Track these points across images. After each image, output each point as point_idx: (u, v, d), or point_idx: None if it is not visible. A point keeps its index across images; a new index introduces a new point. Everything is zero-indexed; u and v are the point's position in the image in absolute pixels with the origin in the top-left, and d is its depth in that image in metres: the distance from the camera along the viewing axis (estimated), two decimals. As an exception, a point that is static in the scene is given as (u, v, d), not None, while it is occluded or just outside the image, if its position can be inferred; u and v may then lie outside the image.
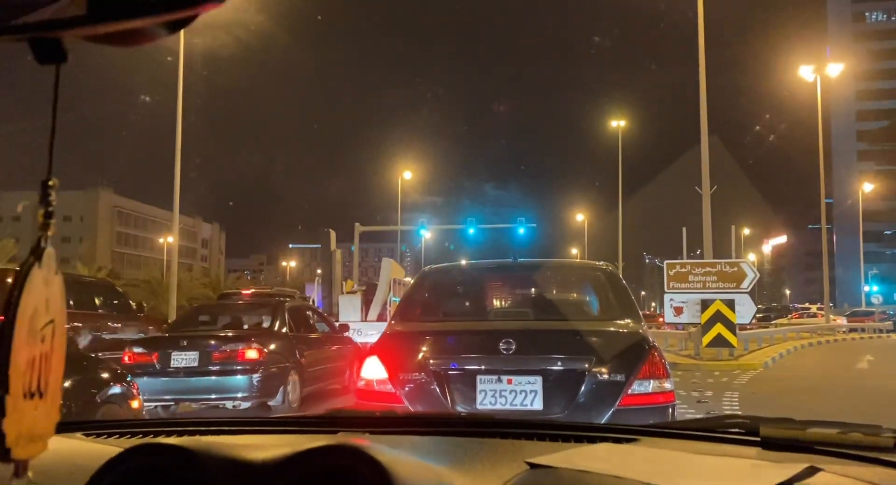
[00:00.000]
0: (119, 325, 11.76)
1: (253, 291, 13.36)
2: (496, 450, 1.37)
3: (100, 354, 9.24)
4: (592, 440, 1.46)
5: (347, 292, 23.54)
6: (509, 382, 3.74)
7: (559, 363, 3.82)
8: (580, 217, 68.19)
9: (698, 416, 7.64)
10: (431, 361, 3.87)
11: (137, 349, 9.04)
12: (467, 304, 5.18)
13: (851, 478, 1.16)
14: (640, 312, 4.44)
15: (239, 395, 8.72)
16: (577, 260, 16.33)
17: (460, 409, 3.73)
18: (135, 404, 5.28)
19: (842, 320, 39.05)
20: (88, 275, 21.98)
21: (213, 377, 8.77)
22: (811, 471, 1.14)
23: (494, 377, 3.76)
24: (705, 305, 16.64)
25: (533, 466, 1.15)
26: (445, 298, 5.16)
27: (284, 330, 9.65)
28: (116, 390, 5.18)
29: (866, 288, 56.82)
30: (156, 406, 8.74)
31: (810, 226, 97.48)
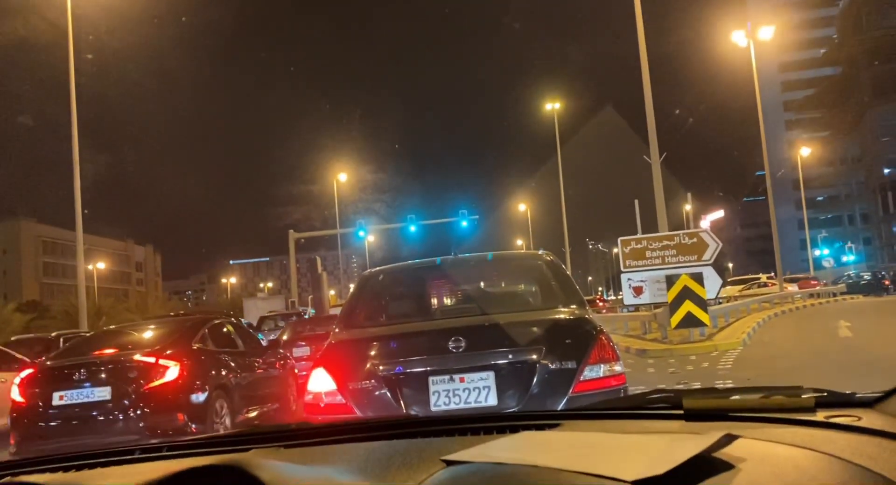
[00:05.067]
0: None
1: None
2: (413, 451, 1.34)
3: None
4: (515, 430, 1.45)
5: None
6: (462, 380, 3.70)
7: (510, 356, 3.78)
8: (522, 207, 67.24)
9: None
10: (381, 367, 3.80)
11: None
12: (412, 304, 5.04)
13: (770, 441, 1.17)
14: (584, 298, 4.47)
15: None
16: (518, 251, 15.48)
17: (414, 412, 3.67)
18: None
19: (793, 288, 38.88)
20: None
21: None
22: (729, 439, 1.14)
23: (446, 377, 3.72)
24: (670, 281, 15.16)
25: (449, 463, 1.14)
26: (389, 300, 5.03)
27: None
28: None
29: (816, 252, 57.56)
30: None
31: (746, 198, 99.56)
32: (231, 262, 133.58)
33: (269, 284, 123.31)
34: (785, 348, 14.26)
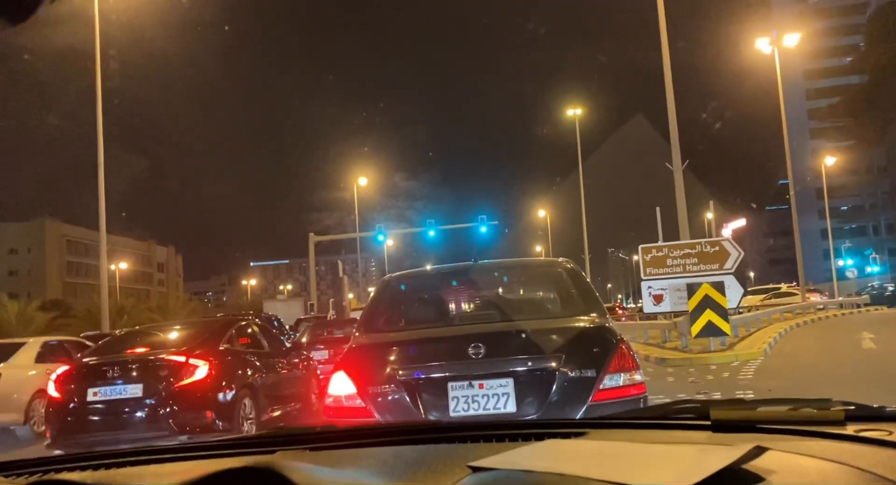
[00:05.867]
0: None
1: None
2: (439, 456, 1.35)
3: None
4: (540, 437, 1.44)
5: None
6: (481, 386, 3.70)
7: (529, 364, 3.78)
8: (542, 213, 67.02)
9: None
10: (400, 372, 3.81)
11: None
12: (432, 309, 5.00)
13: (799, 454, 1.16)
14: (604, 306, 4.46)
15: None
16: (539, 258, 15.44)
17: (433, 417, 3.69)
18: None
19: (817, 297, 38.40)
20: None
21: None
22: (758, 451, 1.13)
23: (466, 383, 3.72)
24: (692, 290, 15.05)
25: (475, 469, 1.14)
26: (409, 305, 5.04)
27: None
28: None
29: (839, 262, 56.87)
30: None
31: (769, 207, 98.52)
32: (252, 264, 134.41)
33: (289, 287, 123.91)
34: (807, 359, 14.10)
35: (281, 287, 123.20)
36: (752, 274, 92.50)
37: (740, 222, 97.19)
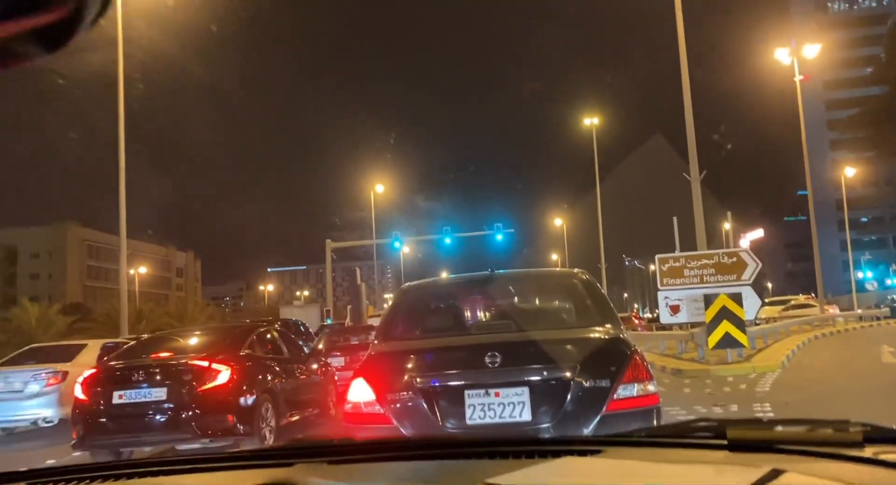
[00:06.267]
0: None
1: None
2: (455, 472, 1.35)
3: None
4: (557, 454, 1.45)
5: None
6: (497, 395, 3.77)
7: (545, 373, 3.85)
8: (559, 221, 66.91)
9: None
10: (418, 380, 3.89)
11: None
12: (449, 318, 5.11)
13: (817, 477, 1.14)
14: (619, 317, 4.51)
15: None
16: (554, 269, 15.51)
17: (450, 425, 3.78)
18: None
19: (834, 310, 38.02)
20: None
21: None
22: (775, 473, 1.12)
23: (482, 391, 3.79)
24: (709, 300, 15.01)
25: None
26: (427, 314, 5.11)
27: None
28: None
29: (859, 274, 56.28)
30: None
31: (787, 218, 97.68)
32: (269, 269, 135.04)
33: (306, 293, 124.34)
34: (826, 373, 13.99)
35: (298, 293, 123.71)
36: (769, 285, 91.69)
37: (758, 233, 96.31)
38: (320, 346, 14.51)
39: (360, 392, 3.96)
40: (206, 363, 7.55)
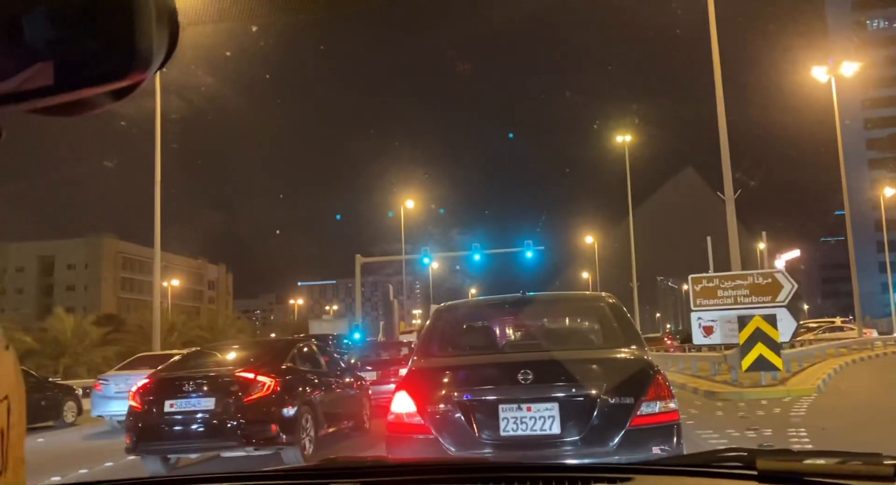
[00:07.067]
0: None
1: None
2: None
3: None
4: (587, 482, 1.44)
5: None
6: (528, 409, 4.01)
7: (573, 390, 4.09)
8: (589, 239, 66.42)
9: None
10: (456, 394, 4.17)
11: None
12: (483, 337, 5.32)
13: None
14: (644, 339, 4.77)
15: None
16: (583, 292, 15.49)
17: (485, 436, 4.05)
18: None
19: (873, 333, 37.12)
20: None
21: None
22: None
23: (515, 405, 4.04)
24: (743, 322, 14.79)
25: None
26: (461, 333, 5.37)
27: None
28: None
29: (896, 298, 54.92)
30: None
31: (823, 238, 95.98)
32: (299, 283, 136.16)
33: (335, 307, 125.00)
34: (863, 398, 13.64)
35: (327, 307, 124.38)
36: (805, 307, 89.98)
37: (794, 253, 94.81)
38: (353, 360, 14.64)
39: (403, 404, 4.23)
40: (251, 375, 7.91)
